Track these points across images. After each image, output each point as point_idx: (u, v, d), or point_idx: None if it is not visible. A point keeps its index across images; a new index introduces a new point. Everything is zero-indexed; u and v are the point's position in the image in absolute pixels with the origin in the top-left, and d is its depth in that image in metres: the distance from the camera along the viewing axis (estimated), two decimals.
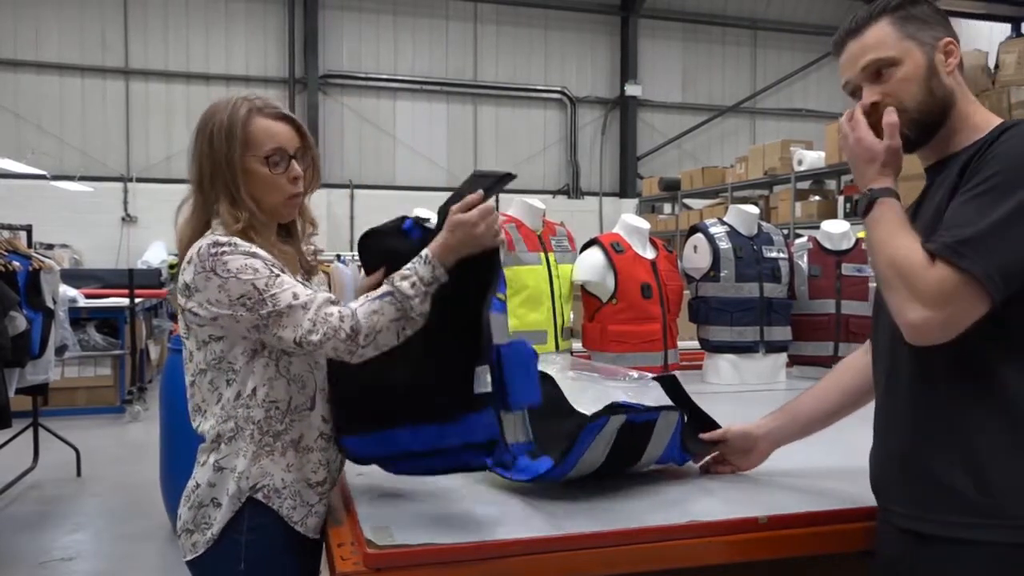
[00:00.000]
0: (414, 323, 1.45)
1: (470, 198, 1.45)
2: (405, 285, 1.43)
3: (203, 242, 1.49)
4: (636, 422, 1.59)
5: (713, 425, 1.81)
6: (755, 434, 1.75)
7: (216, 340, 1.52)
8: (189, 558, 1.55)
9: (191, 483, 1.57)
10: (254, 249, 1.49)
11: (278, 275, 1.47)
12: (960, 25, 11.62)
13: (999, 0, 6.10)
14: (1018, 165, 1.23)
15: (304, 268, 1.69)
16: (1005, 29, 6.72)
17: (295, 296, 1.45)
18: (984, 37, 8.88)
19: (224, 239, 1.49)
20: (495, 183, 1.50)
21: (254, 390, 1.52)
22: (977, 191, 1.24)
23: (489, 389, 1.44)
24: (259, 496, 1.51)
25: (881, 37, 1.40)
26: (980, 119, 1.40)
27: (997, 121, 1.39)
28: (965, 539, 1.26)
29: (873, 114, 1.40)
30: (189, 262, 1.49)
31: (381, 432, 1.57)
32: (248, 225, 1.52)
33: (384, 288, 1.45)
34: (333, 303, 1.47)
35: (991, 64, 5.51)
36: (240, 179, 1.52)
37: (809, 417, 1.73)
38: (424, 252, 1.45)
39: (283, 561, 1.55)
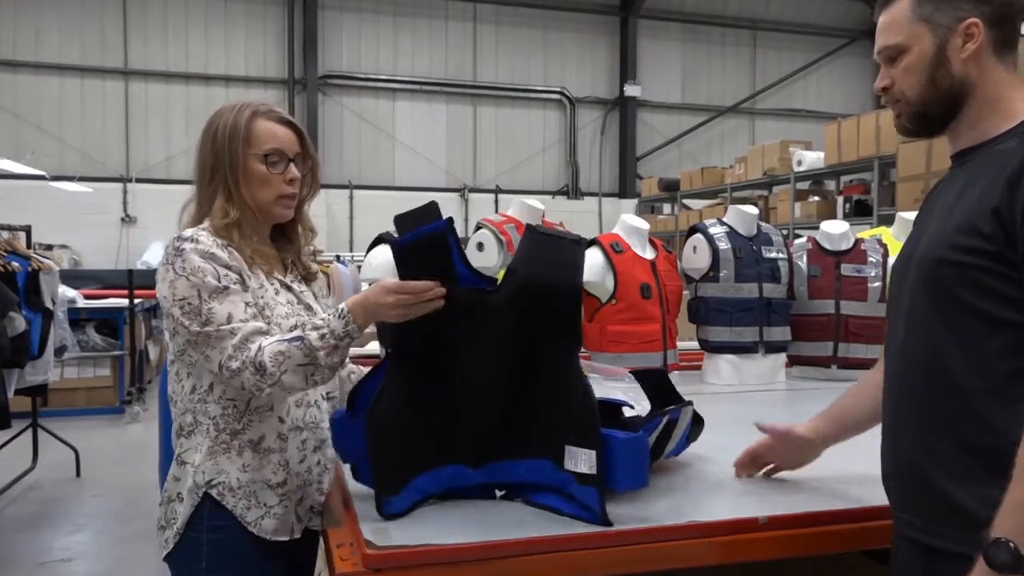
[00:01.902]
0: (323, 372, 1.47)
1: (427, 283, 1.42)
2: (314, 335, 1.45)
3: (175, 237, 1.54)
4: (670, 421, 1.63)
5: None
6: (813, 440, 1.65)
7: (178, 332, 1.54)
8: (163, 554, 1.59)
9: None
10: (213, 250, 1.51)
11: (226, 287, 1.49)
12: None
13: None
14: None
15: (302, 274, 1.72)
16: None
17: (229, 318, 1.46)
18: None
19: (189, 233, 1.52)
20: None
21: (211, 385, 1.55)
22: None
23: (593, 472, 1.42)
24: (214, 493, 1.53)
25: (895, 17, 1.33)
26: (1011, 105, 1.30)
27: None
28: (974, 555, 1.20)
29: (884, 96, 1.37)
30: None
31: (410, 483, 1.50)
32: (235, 222, 1.56)
33: (295, 333, 1.47)
34: (261, 333, 1.48)
35: None
36: (239, 174, 1.57)
37: (858, 420, 1.64)
38: (342, 305, 1.48)
39: (244, 562, 1.56)
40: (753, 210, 3.06)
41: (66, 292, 6.09)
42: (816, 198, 9.82)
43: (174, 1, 12.42)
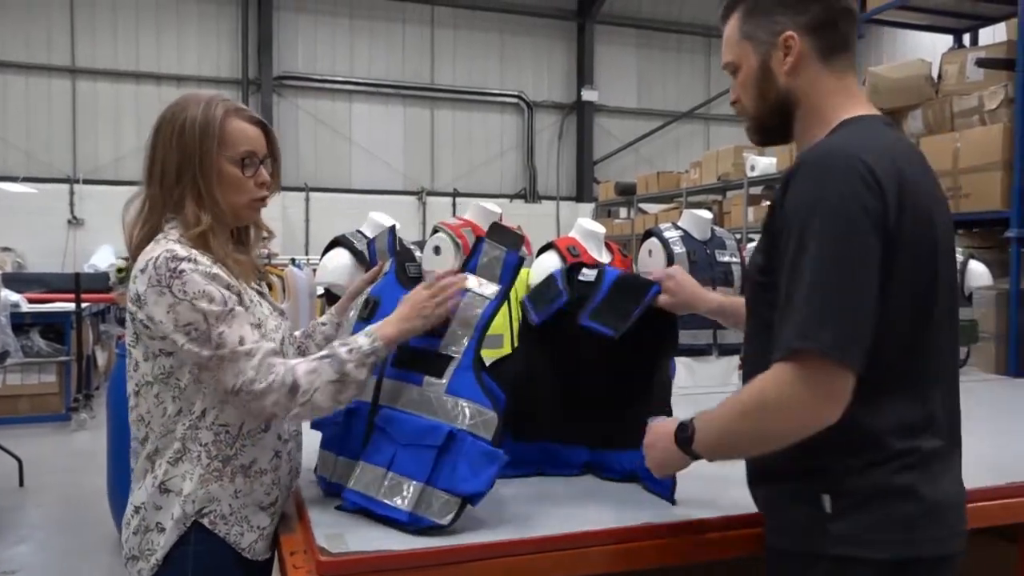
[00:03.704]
0: (349, 388, 1.47)
1: (441, 273, 1.56)
2: (343, 351, 1.47)
3: (159, 252, 1.43)
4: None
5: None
6: (702, 307, 1.74)
7: (166, 355, 1.47)
8: None
9: (131, 506, 1.51)
10: (215, 270, 1.45)
11: (232, 309, 1.43)
12: (905, 36, 11.95)
13: (941, 12, 6.29)
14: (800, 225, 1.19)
15: (258, 276, 1.68)
16: (948, 40, 6.92)
17: (242, 340, 1.42)
18: (928, 48, 9.14)
19: (183, 253, 1.43)
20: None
21: (204, 412, 1.47)
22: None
23: None
24: (204, 522, 1.47)
25: (728, 36, 1.40)
26: (832, 113, 1.32)
27: (842, 116, 1.31)
28: (794, 552, 1.28)
29: (735, 108, 1.43)
30: (143, 271, 1.43)
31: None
32: (208, 227, 1.48)
33: (325, 351, 1.49)
34: (276, 354, 1.47)
35: (934, 74, 5.66)
36: (212, 176, 1.49)
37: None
38: (371, 328, 1.51)
39: None
40: (707, 214, 3.10)
41: (9, 296, 5.92)
42: (769, 203, 9.98)
43: None
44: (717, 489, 1.68)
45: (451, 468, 1.43)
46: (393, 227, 1.87)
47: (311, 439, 1.71)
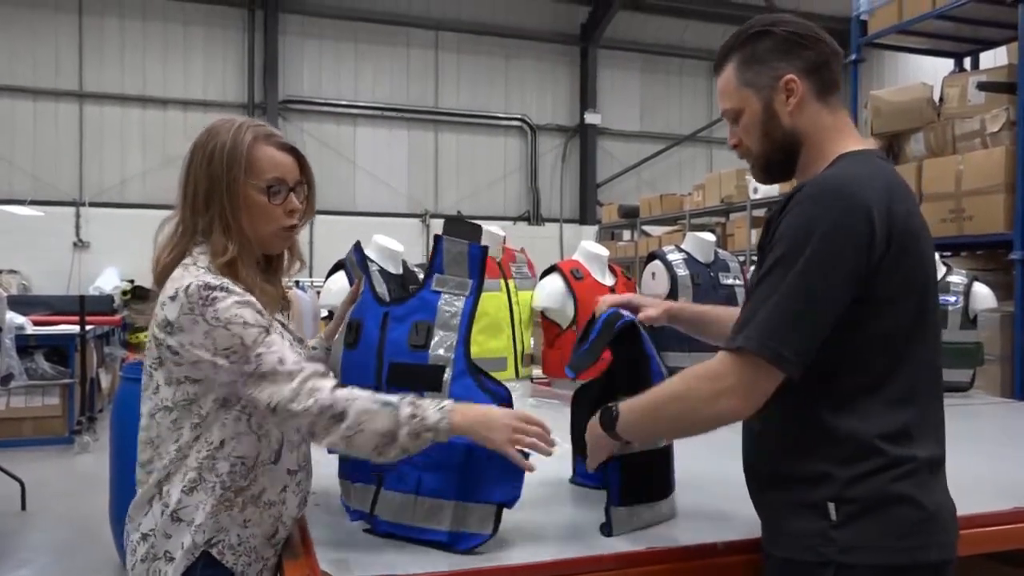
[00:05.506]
0: (393, 449, 1.38)
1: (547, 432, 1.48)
2: (406, 411, 1.38)
3: (190, 280, 1.42)
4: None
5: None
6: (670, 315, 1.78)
7: (192, 382, 1.45)
8: None
9: (136, 533, 1.49)
10: (247, 297, 1.44)
11: (267, 332, 1.43)
12: (906, 60, 12.02)
13: (942, 36, 6.34)
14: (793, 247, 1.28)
15: (281, 305, 1.66)
16: (949, 64, 6.97)
17: (281, 361, 1.41)
18: (929, 72, 9.20)
19: (216, 282, 1.42)
20: None
21: (222, 442, 1.46)
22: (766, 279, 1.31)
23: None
24: (213, 552, 1.46)
25: (725, 84, 1.48)
26: (830, 148, 1.40)
27: (839, 150, 1.39)
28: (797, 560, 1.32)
29: (737, 152, 1.50)
30: (173, 298, 1.41)
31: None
32: (235, 256, 1.47)
33: (393, 398, 1.41)
34: (322, 376, 1.43)
35: (936, 98, 5.70)
36: (238, 204, 1.48)
37: (699, 329, 1.81)
38: (448, 404, 1.41)
39: None
40: (710, 237, 3.11)
41: (14, 318, 5.93)
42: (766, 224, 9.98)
43: (131, 24, 12.28)
44: (727, 512, 1.68)
45: (477, 480, 1.44)
46: (358, 243, 1.82)
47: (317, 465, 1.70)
